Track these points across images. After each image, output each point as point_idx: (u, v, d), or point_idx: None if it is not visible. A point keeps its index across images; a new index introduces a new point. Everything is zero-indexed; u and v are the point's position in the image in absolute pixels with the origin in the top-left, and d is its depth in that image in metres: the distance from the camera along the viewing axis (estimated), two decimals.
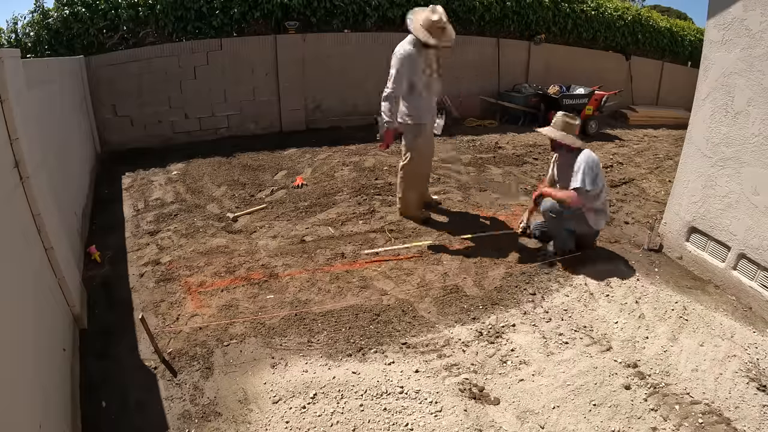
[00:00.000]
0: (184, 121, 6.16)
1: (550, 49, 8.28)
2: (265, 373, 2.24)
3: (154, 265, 3.20)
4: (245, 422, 1.96)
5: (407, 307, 2.77)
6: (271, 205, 4.21)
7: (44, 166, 2.50)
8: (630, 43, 9.15)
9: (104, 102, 5.67)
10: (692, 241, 3.33)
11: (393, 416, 2.00)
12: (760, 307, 2.76)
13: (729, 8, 2.88)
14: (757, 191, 2.78)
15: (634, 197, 4.67)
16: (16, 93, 2.10)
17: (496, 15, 7.64)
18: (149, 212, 4.05)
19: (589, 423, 2.00)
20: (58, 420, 1.71)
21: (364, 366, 2.29)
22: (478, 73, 7.83)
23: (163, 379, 2.19)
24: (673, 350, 2.45)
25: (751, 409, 2.07)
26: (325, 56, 6.63)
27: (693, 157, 3.28)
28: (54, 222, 2.38)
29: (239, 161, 5.38)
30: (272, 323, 2.60)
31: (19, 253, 1.86)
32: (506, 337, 2.54)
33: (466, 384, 2.18)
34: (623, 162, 5.87)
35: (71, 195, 3.47)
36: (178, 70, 5.90)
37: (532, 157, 5.85)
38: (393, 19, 6.91)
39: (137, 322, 2.53)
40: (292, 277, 3.07)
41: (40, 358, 1.76)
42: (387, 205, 4.23)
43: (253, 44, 6.23)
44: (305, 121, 6.86)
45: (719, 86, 3.01)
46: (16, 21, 5.66)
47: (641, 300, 2.89)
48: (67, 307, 2.39)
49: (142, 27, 5.86)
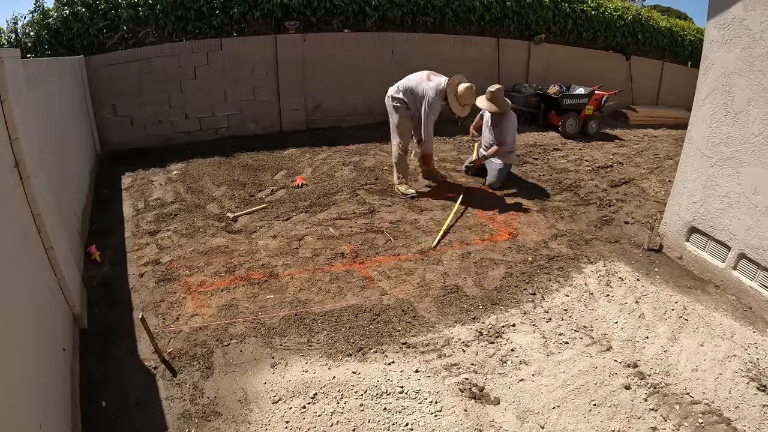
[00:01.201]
0: (184, 121, 6.15)
1: (550, 49, 8.27)
2: (265, 373, 2.24)
3: (154, 265, 3.20)
4: (245, 422, 1.97)
5: (407, 307, 2.77)
6: (271, 205, 4.21)
7: (44, 166, 2.49)
8: (630, 43, 9.14)
9: (104, 102, 5.67)
10: (692, 241, 3.33)
11: (393, 416, 2.00)
12: (760, 307, 2.76)
13: (729, 8, 2.88)
14: (757, 191, 2.78)
15: (634, 197, 4.67)
16: (16, 93, 2.10)
17: (496, 15, 7.64)
18: (149, 212, 4.05)
19: (589, 423, 2.00)
20: (58, 420, 1.71)
21: (364, 366, 2.29)
22: (478, 72, 7.82)
23: (163, 379, 2.19)
24: (673, 350, 2.45)
25: (751, 409, 2.07)
26: (325, 56, 6.62)
27: (693, 157, 3.28)
28: (54, 222, 2.38)
29: (239, 161, 5.38)
30: (272, 323, 2.61)
31: (19, 252, 1.86)
32: (506, 337, 2.54)
33: (466, 384, 2.18)
34: (623, 162, 5.87)
35: (71, 195, 3.47)
36: (178, 70, 5.90)
37: (532, 157, 5.85)
38: (393, 18, 6.91)
39: (137, 322, 2.53)
40: (292, 277, 3.07)
41: (40, 358, 1.76)
42: (387, 205, 4.23)
43: (253, 44, 6.22)
44: (305, 121, 6.86)
45: (719, 86, 3.01)
46: (16, 21, 5.66)
47: (641, 300, 2.89)
48: (67, 307, 2.39)
49: (142, 27, 5.86)
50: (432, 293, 2.93)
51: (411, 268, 3.19)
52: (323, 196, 4.41)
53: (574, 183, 4.99)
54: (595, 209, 4.33)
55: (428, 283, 3.03)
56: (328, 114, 6.98)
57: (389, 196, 4.41)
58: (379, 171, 5.11)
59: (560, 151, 6.20)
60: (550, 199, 4.52)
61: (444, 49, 7.33)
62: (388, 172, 5.08)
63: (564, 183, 4.98)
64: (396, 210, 4.13)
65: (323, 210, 4.10)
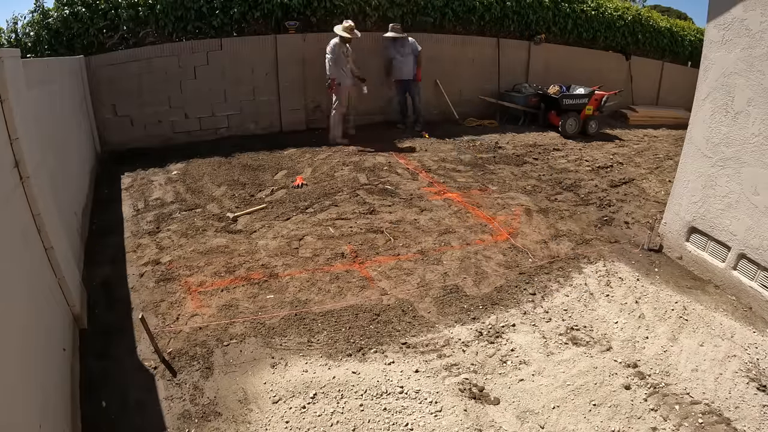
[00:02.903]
0: (184, 121, 6.15)
1: (550, 49, 8.27)
2: (265, 373, 2.24)
3: (154, 265, 3.20)
4: (245, 422, 1.97)
5: (407, 307, 2.77)
6: (271, 205, 4.21)
7: (44, 166, 2.49)
8: (630, 43, 9.14)
9: (104, 102, 5.66)
10: (692, 241, 3.33)
11: (393, 416, 2.00)
12: (760, 307, 2.76)
13: (729, 8, 2.88)
14: (757, 191, 2.78)
15: (634, 197, 4.67)
16: (16, 93, 2.10)
17: (496, 15, 7.64)
18: (149, 212, 4.05)
19: (589, 423, 2.00)
20: (57, 420, 1.71)
21: (364, 366, 2.29)
22: (478, 72, 7.83)
23: (163, 379, 2.19)
24: (673, 350, 2.45)
25: (751, 409, 2.07)
26: (325, 56, 6.61)
27: (693, 157, 3.28)
28: (54, 222, 2.38)
29: (239, 161, 5.38)
30: (272, 323, 2.61)
31: (19, 252, 1.86)
32: (506, 337, 2.54)
33: (466, 384, 2.18)
34: (623, 162, 5.87)
35: (71, 195, 3.47)
36: (178, 70, 5.90)
37: (532, 157, 5.85)
38: (393, 18, 6.90)
39: (137, 322, 2.53)
40: (292, 277, 3.07)
41: (40, 358, 1.76)
42: (387, 205, 4.23)
43: (253, 44, 6.22)
44: (305, 121, 6.86)
45: (719, 86, 3.01)
46: (16, 21, 5.66)
47: (641, 300, 2.89)
48: (67, 307, 2.39)
49: (142, 27, 5.85)
50: (432, 293, 2.93)
51: (411, 268, 3.19)
52: (323, 196, 4.41)
53: (574, 183, 4.99)
54: (595, 209, 4.33)
55: (428, 283, 3.03)
56: (328, 114, 6.97)
57: (389, 196, 4.41)
58: (379, 171, 5.11)
59: (560, 151, 6.20)
60: (550, 199, 4.52)
61: (444, 48, 7.33)
62: (388, 171, 5.08)
63: (564, 183, 4.98)
64: (396, 210, 4.13)
65: (323, 210, 4.10)
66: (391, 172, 5.06)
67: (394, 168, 5.21)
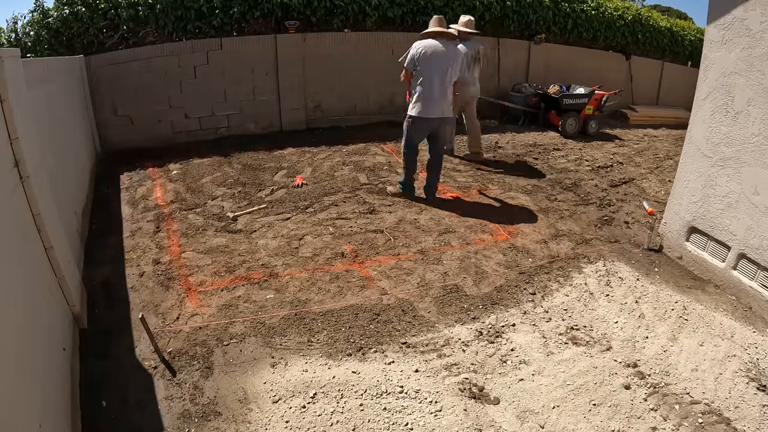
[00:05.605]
0: (184, 120, 6.15)
1: (550, 49, 8.27)
2: (265, 372, 2.24)
3: (154, 264, 3.20)
4: (245, 422, 1.97)
5: (407, 307, 2.77)
6: (271, 204, 4.21)
7: (44, 166, 2.49)
8: (630, 43, 9.14)
9: (104, 101, 5.66)
10: (692, 241, 3.33)
11: (393, 416, 2.00)
12: (760, 307, 2.76)
13: (729, 8, 2.88)
14: (757, 191, 2.78)
15: (634, 197, 4.67)
16: (16, 93, 2.10)
17: (496, 14, 7.63)
18: (149, 212, 4.05)
19: (589, 423, 2.00)
20: (57, 419, 1.71)
21: (364, 365, 2.29)
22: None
23: (163, 379, 2.19)
24: (673, 350, 2.45)
25: (751, 409, 2.07)
26: (325, 56, 6.62)
27: (693, 157, 3.28)
28: (54, 222, 2.38)
29: (239, 161, 5.38)
30: (272, 323, 2.61)
31: (19, 252, 1.86)
32: (506, 336, 2.54)
33: (465, 384, 2.18)
34: (623, 162, 5.87)
35: (71, 195, 3.47)
36: (178, 70, 5.90)
37: (532, 157, 5.85)
38: (393, 18, 6.90)
39: (137, 321, 2.53)
40: (292, 277, 3.07)
41: (40, 358, 1.76)
42: (387, 204, 4.23)
43: (253, 44, 6.22)
44: (305, 120, 6.86)
45: (719, 86, 3.01)
46: (16, 20, 5.65)
47: (641, 300, 2.89)
48: (67, 307, 2.39)
49: (142, 26, 5.85)
50: (432, 293, 2.93)
51: (411, 268, 3.19)
52: (323, 195, 4.41)
53: (574, 183, 4.99)
54: (595, 209, 4.33)
55: (428, 283, 3.03)
56: (328, 114, 6.98)
57: (389, 196, 4.41)
58: (380, 170, 5.11)
59: (560, 151, 6.19)
60: (550, 199, 4.52)
61: None
62: (388, 171, 5.08)
63: (564, 183, 4.98)
64: (396, 210, 4.12)
65: (323, 210, 4.10)
66: (391, 172, 5.06)
67: (395, 168, 5.21)
